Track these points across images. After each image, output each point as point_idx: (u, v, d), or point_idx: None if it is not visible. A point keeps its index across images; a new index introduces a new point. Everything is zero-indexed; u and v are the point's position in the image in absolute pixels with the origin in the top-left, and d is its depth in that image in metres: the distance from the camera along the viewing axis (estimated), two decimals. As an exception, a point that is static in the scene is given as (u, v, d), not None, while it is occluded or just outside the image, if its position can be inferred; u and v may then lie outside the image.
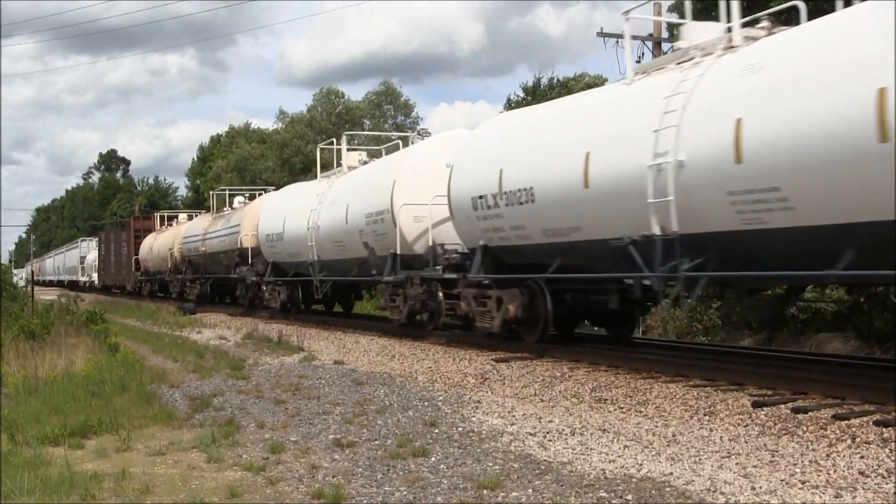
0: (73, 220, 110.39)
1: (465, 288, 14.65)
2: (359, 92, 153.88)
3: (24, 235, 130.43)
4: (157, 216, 46.32)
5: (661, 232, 9.95)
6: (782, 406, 8.35)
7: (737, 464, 6.57)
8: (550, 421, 8.48)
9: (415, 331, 16.81)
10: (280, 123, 55.33)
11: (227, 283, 30.17)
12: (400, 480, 6.33)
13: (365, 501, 5.86)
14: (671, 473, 6.32)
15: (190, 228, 35.01)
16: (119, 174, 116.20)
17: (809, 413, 7.97)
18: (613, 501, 5.71)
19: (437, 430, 8.10)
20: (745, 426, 7.83)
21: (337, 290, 22.95)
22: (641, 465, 6.63)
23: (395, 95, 54.13)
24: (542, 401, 9.78)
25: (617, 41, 21.02)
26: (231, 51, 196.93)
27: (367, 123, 50.91)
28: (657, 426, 8.08)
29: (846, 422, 7.53)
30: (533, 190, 12.29)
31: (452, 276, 15.16)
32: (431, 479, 6.33)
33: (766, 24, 10.00)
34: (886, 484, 5.86)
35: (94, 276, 55.95)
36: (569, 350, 12.98)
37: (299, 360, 14.19)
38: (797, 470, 6.30)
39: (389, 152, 20.11)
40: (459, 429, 8.16)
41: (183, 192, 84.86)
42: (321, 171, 23.89)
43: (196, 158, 73.74)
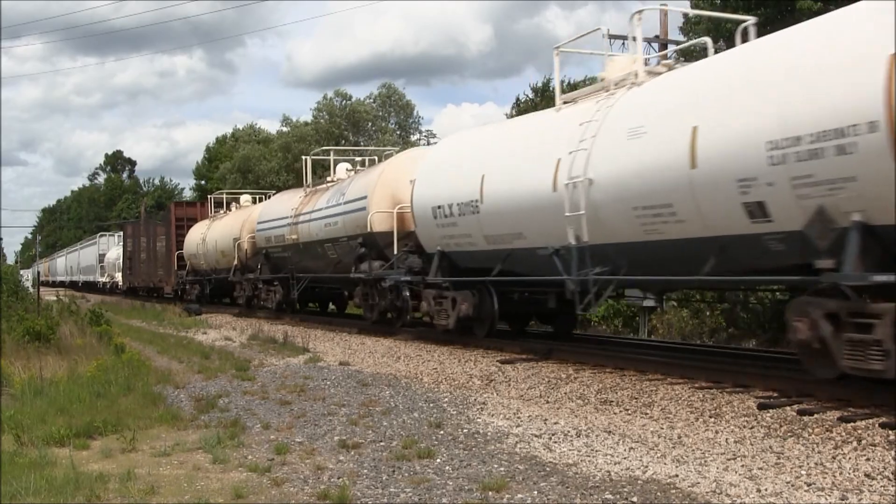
0: (79, 221, 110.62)
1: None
2: (366, 94, 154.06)
3: (30, 236, 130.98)
4: (210, 199, 35.90)
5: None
6: (788, 408, 8.33)
7: (742, 466, 6.56)
8: (556, 422, 8.48)
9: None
10: (286, 127, 55.41)
11: (330, 287, 23.58)
12: (405, 482, 6.33)
13: (370, 503, 5.86)
14: (676, 475, 6.32)
15: (268, 210, 25.85)
16: (125, 175, 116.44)
17: (815, 415, 7.96)
18: (619, 503, 5.70)
19: (442, 432, 8.10)
20: (750, 428, 7.82)
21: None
22: (647, 466, 6.63)
23: (396, 97, 54.22)
24: (547, 402, 9.78)
25: (623, 42, 21.02)
26: (239, 52, 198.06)
27: (370, 125, 51.02)
28: (662, 428, 8.07)
29: (852, 424, 7.52)
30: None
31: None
32: (437, 481, 6.33)
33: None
34: (892, 486, 5.85)
35: (118, 277, 47.31)
36: (574, 351, 13.04)
37: (304, 361, 14.21)
38: (803, 472, 6.30)
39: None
40: (465, 430, 8.17)
41: (188, 193, 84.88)
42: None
43: (202, 160, 73.41)
